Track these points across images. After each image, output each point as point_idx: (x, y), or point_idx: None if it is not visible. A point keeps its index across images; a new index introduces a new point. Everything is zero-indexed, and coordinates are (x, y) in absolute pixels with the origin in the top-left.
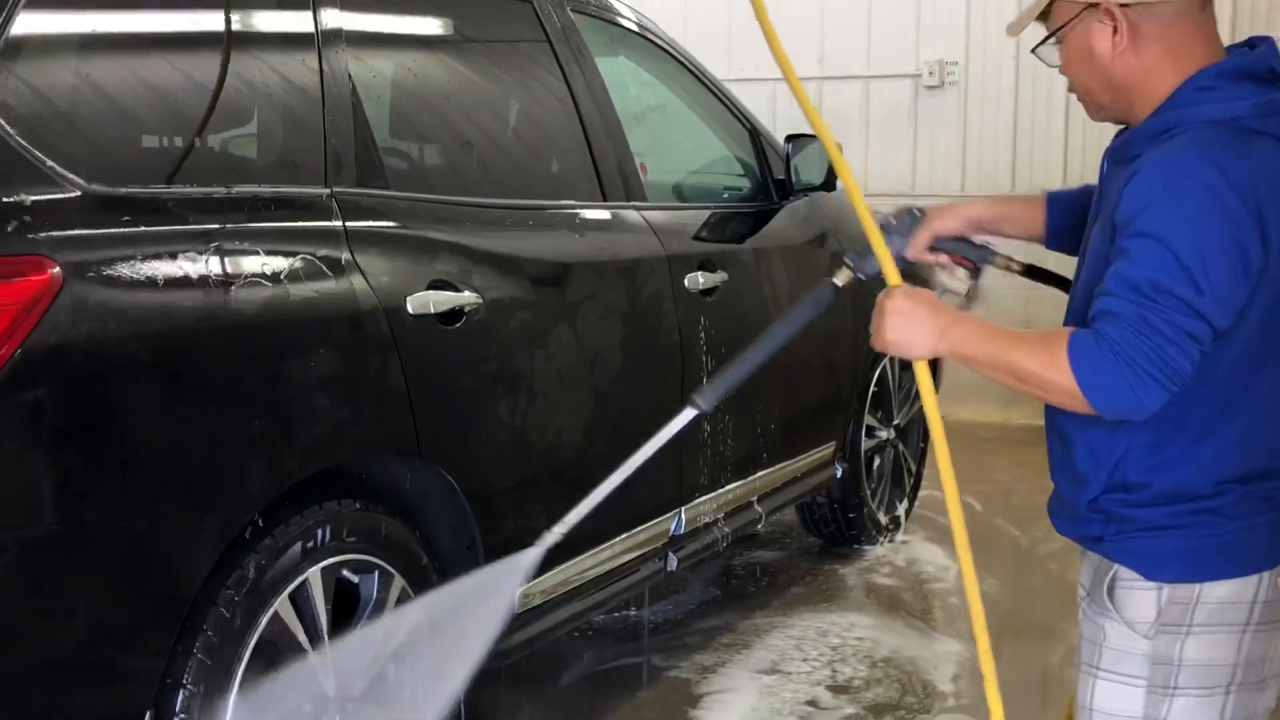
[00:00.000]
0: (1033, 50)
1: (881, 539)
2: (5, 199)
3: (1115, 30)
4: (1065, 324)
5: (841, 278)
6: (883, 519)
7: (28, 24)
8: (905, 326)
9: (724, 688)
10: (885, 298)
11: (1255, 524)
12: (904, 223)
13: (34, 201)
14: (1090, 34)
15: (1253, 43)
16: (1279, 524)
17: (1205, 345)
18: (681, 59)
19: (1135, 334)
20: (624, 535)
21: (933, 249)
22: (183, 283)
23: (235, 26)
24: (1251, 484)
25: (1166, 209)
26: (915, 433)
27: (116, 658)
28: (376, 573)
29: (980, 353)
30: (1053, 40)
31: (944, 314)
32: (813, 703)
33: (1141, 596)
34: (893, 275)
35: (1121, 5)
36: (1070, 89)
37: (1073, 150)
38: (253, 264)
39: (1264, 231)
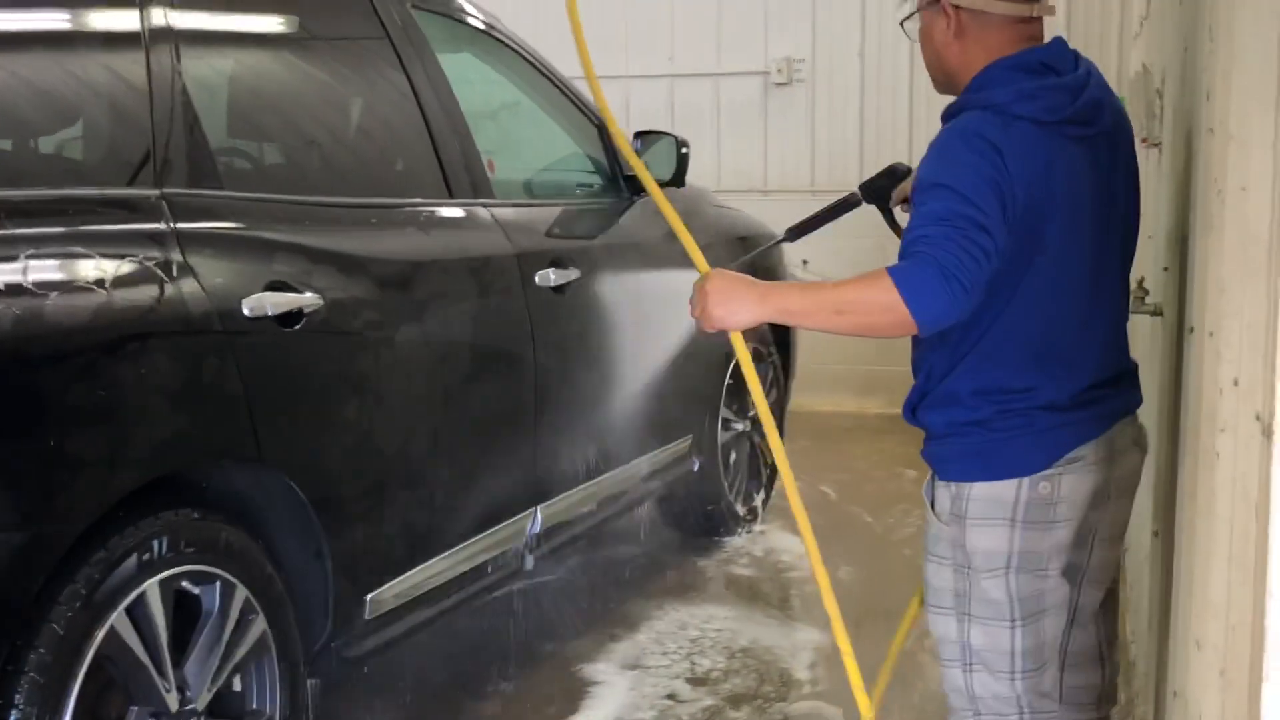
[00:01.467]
0: (900, 23)
1: (739, 530)
2: None
3: (948, 23)
4: None
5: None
6: (740, 510)
7: None
8: (728, 301)
9: (583, 684)
10: (702, 282)
11: (1009, 436)
12: (895, 174)
13: None
14: (933, 21)
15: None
16: (1035, 438)
17: (993, 260)
18: (529, 57)
19: (943, 247)
20: (480, 535)
21: (906, 201)
22: (6, 289)
23: (60, 25)
24: (1001, 398)
25: (943, 165)
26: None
27: None
28: (218, 584)
29: (804, 304)
30: (913, 19)
31: (760, 284)
32: (672, 696)
33: (940, 491)
34: (702, 264)
35: (955, 6)
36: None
37: (917, 144)
38: (79, 268)
39: (1011, 191)
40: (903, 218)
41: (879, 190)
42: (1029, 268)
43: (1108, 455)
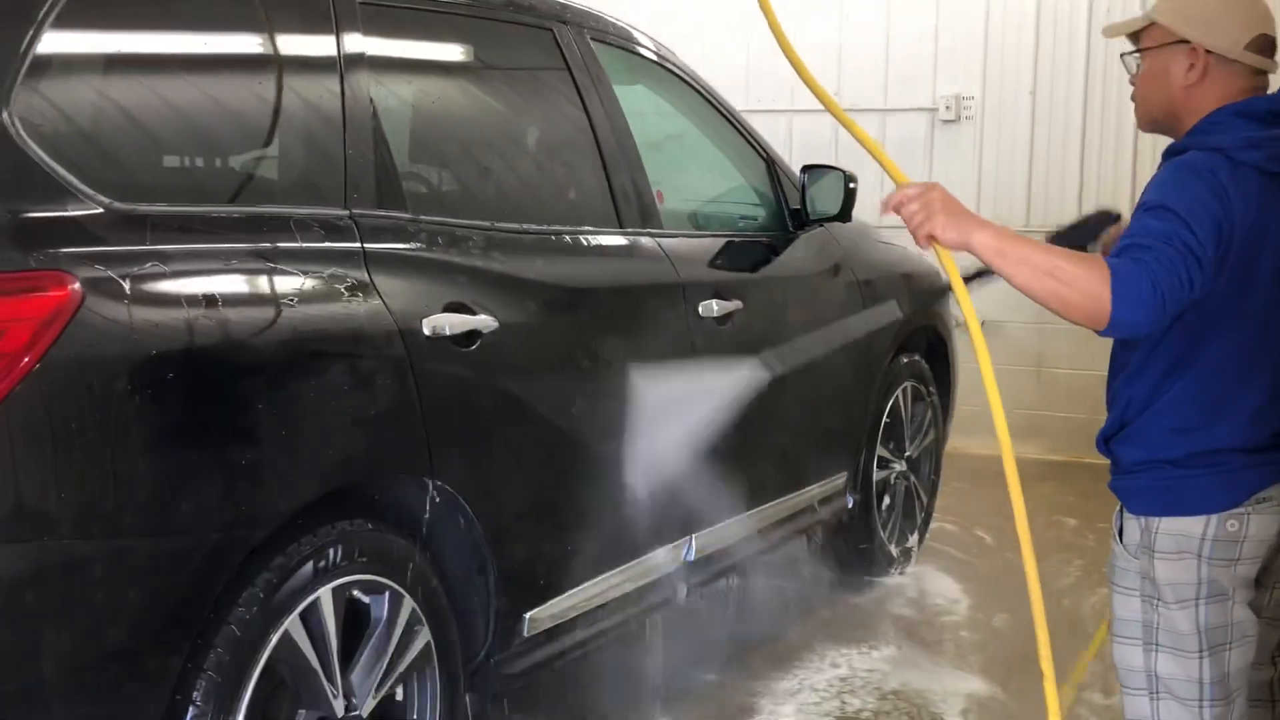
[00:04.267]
0: (1123, 55)
1: (892, 571)
2: (28, 214)
3: (1191, 66)
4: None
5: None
6: (894, 551)
7: (53, 43)
8: (956, 214)
9: (734, 718)
10: (921, 189)
11: (1201, 474)
12: (1106, 219)
13: (57, 218)
14: (1171, 60)
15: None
16: (1225, 477)
17: (1195, 291)
18: (700, 89)
19: (1158, 261)
20: (635, 561)
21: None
22: (202, 301)
23: (259, 49)
24: (1195, 438)
25: (1173, 191)
26: (927, 464)
27: (128, 673)
28: (387, 594)
29: (1018, 250)
30: (1136, 54)
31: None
32: None
33: (1129, 523)
34: (900, 175)
35: (1208, 51)
36: (1132, 97)
37: (1088, 185)
38: (270, 283)
39: (1230, 233)
40: None
41: (1085, 232)
42: (1236, 313)
43: None
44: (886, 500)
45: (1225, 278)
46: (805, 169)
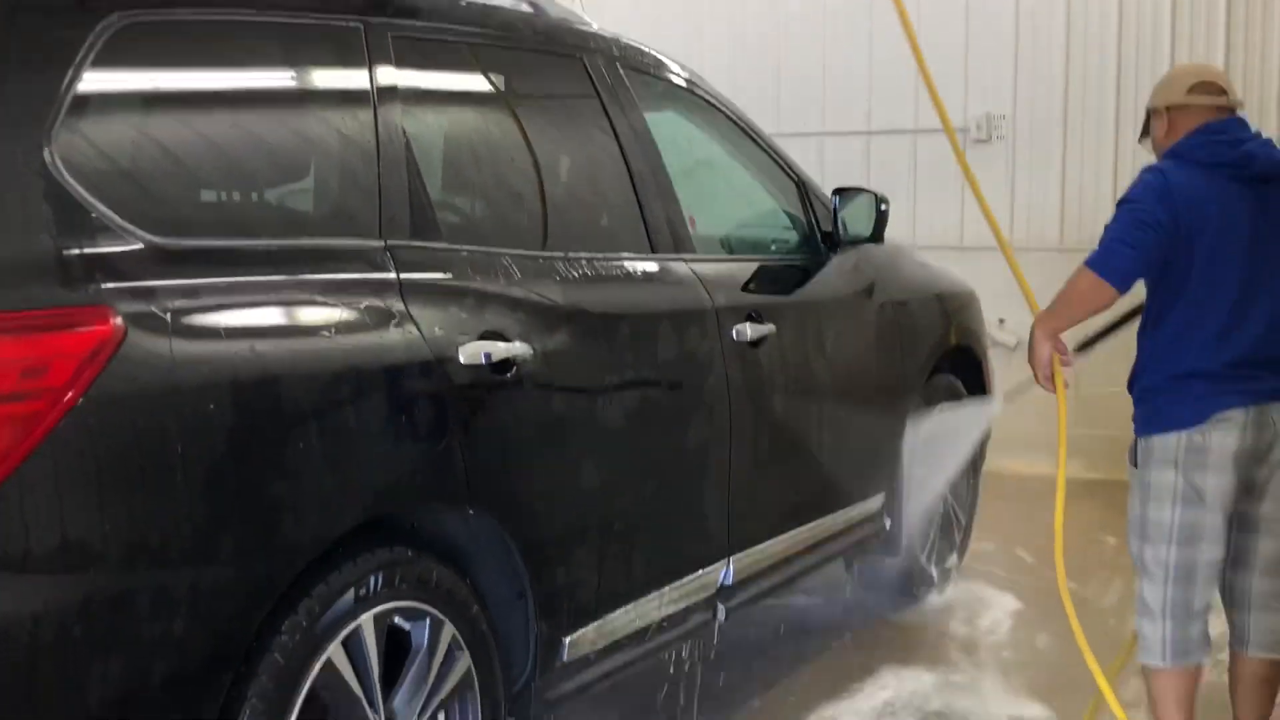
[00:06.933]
0: (1139, 140)
1: (932, 592)
2: (70, 250)
3: (1162, 122)
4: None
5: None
6: (933, 571)
7: (92, 82)
8: (1030, 351)
9: None
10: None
11: (1173, 400)
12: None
13: (98, 253)
14: (1154, 126)
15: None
16: (1199, 401)
17: (1156, 232)
18: (730, 114)
19: (1117, 226)
20: (672, 585)
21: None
22: (241, 333)
23: (293, 83)
24: (1169, 371)
25: (1131, 189)
26: (964, 484)
27: (174, 703)
28: (428, 620)
29: (1055, 319)
30: (1144, 139)
31: (1038, 323)
32: None
33: (1137, 443)
34: (1033, 302)
35: (1167, 108)
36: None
37: None
38: (309, 315)
39: (1173, 204)
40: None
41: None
42: (1189, 274)
43: (1259, 422)
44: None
45: (1179, 248)
46: (837, 191)
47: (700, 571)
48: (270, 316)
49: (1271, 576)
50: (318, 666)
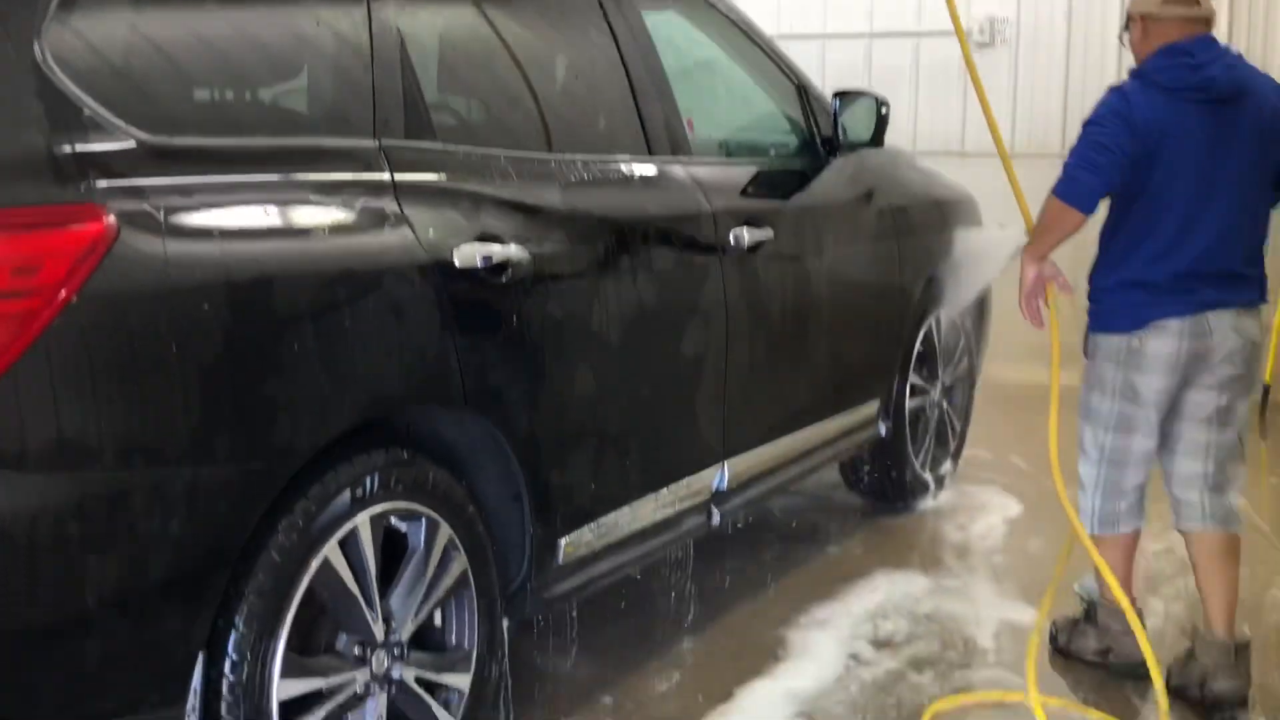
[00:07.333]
0: (1119, 37)
1: (925, 498)
2: (62, 148)
3: (1138, 30)
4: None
5: None
6: (927, 477)
7: None
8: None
9: (766, 643)
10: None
11: (1118, 304)
12: None
13: (90, 151)
14: (1133, 29)
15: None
16: (1139, 309)
17: (1114, 154)
18: (730, 15)
19: (1077, 153)
20: (668, 488)
21: None
22: (234, 233)
23: None
24: (1116, 278)
25: (1094, 110)
26: (960, 391)
27: (171, 600)
28: (424, 522)
29: (1034, 247)
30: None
31: (1025, 251)
32: (855, 657)
33: (1089, 338)
34: (1028, 216)
35: (1142, 16)
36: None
37: None
38: (302, 215)
39: (1133, 125)
40: None
41: None
42: (1144, 190)
43: (1196, 331)
44: (919, 427)
45: (1137, 167)
46: (837, 94)
47: (695, 475)
48: (264, 216)
49: (1192, 459)
50: (315, 566)
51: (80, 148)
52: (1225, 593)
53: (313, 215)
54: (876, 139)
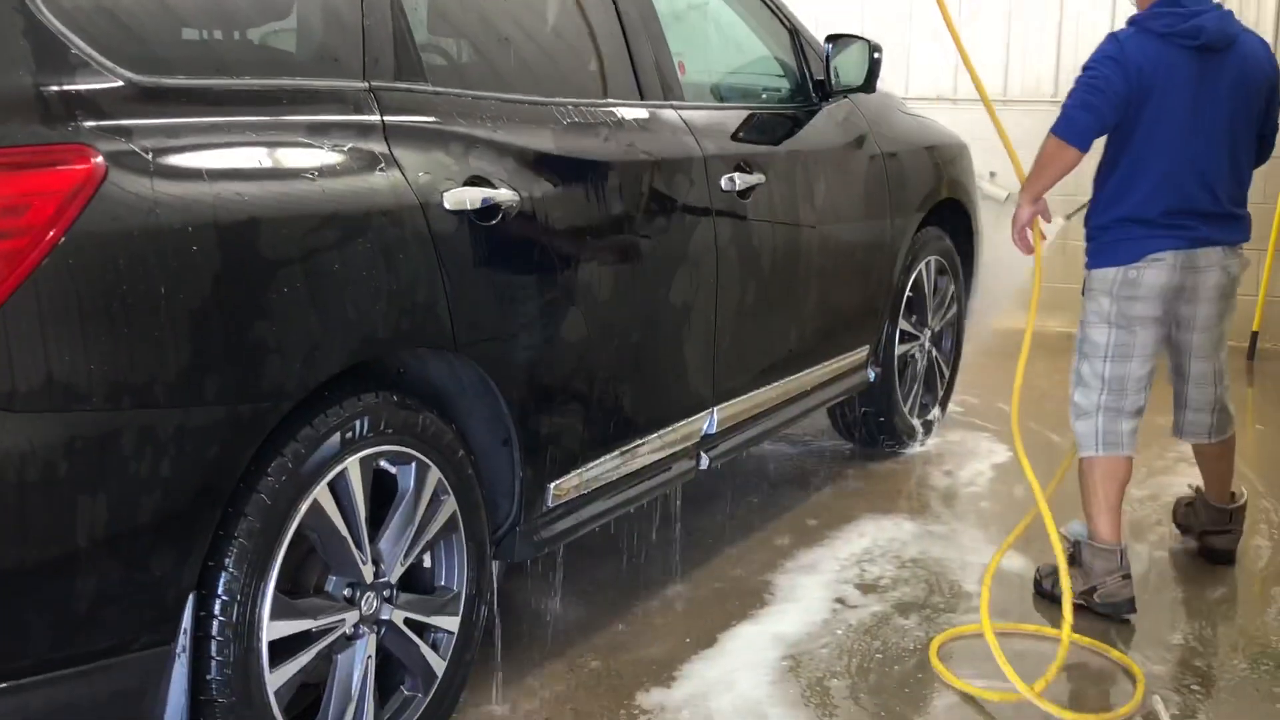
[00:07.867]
0: None
1: (913, 443)
2: (49, 88)
3: None
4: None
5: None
6: (915, 423)
7: None
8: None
9: (753, 588)
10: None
11: (1115, 239)
12: None
13: (77, 91)
14: None
15: None
16: (1137, 243)
17: (1108, 96)
18: None
19: (1074, 95)
20: (657, 433)
21: None
22: (223, 174)
23: None
24: (1113, 215)
25: (1092, 56)
26: (949, 338)
27: (160, 541)
28: (414, 464)
29: (1032, 186)
30: None
31: (1020, 193)
32: (841, 600)
33: (1086, 275)
34: (1019, 167)
35: None
36: None
37: None
38: (291, 157)
39: (1127, 69)
40: None
41: None
42: (1136, 131)
43: (1188, 265)
44: (909, 373)
45: (1130, 109)
46: (830, 38)
47: (684, 420)
48: (252, 157)
49: (1204, 386)
50: (304, 508)
51: (68, 88)
52: (1223, 474)
53: (302, 157)
54: (869, 84)
